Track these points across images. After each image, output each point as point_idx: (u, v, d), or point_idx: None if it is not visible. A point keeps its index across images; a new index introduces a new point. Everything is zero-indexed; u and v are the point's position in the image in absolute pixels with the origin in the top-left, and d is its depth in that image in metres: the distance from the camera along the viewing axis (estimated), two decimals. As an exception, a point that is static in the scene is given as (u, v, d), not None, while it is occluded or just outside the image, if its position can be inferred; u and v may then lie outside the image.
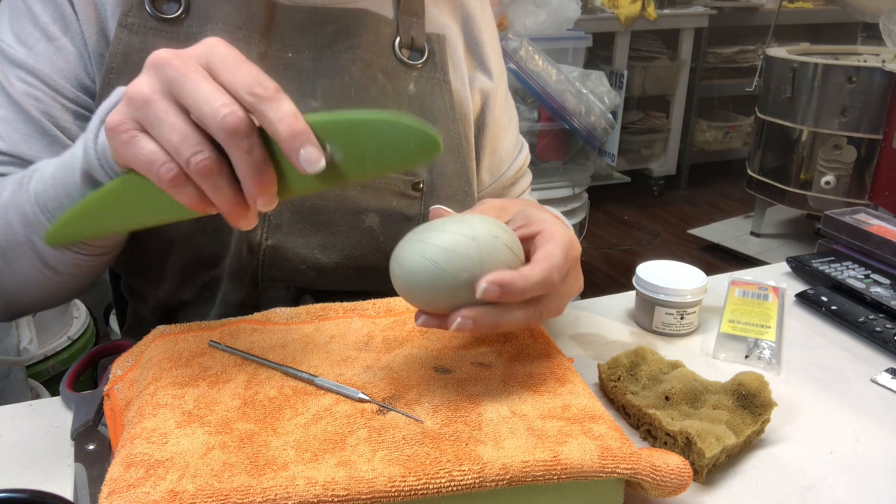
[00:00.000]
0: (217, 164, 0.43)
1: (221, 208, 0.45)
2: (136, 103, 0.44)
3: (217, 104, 0.41)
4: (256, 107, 0.42)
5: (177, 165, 0.43)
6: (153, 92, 0.43)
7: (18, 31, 0.65)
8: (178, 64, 0.43)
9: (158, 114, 0.43)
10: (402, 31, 0.72)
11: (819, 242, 0.93)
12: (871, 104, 2.42)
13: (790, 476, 0.54)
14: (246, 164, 0.43)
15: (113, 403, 0.55)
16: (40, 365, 1.51)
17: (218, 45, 0.44)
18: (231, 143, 0.42)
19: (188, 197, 0.44)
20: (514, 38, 2.09)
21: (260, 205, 0.45)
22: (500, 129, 0.82)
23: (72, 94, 0.66)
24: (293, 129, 0.42)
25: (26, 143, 0.64)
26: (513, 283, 0.46)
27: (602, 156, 2.62)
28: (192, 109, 0.42)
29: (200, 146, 0.43)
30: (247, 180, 0.44)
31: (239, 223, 0.46)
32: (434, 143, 0.45)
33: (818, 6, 3.70)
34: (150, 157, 0.43)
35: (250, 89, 0.42)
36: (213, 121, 0.42)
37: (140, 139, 0.44)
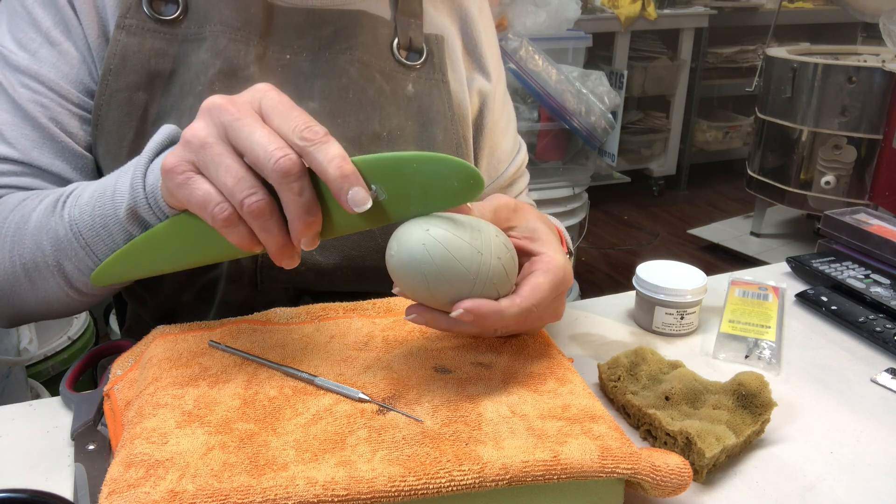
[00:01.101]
0: (269, 206, 0.45)
1: (269, 248, 0.47)
2: (193, 147, 0.46)
3: (271, 148, 0.44)
4: (307, 150, 0.44)
5: (230, 206, 0.45)
6: (209, 136, 0.45)
7: (20, 37, 0.65)
8: (233, 109, 0.45)
9: (214, 157, 0.45)
10: (400, 31, 0.72)
11: (819, 242, 0.93)
12: (871, 104, 2.42)
13: (790, 476, 0.54)
14: (296, 204, 0.45)
15: (113, 403, 0.55)
16: (40, 365, 1.51)
17: (269, 91, 0.47)
18: (283, 185, 0.44)
19: (239, 237, 0.47)
20: (514, 38, 2.09)
21: (304, 244, 0.47)
22: (499, 130, 0.82)
23: (77, 99, 0.65)
24: (342, 172, 0.44)
25: (37, 150, 0.64)
26: (487, 316, 0.48)
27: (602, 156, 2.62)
28: (247, 153, 0.45)
29: (254, 188, 0.45)
30: (295, 221, 0.46)
31: (283, 262, 0.48)
32: (478, 179, 0.47)
33: (818, 6, 3.70)
34: (205, 198, 0.46)
35: (301, 133, 0.44)
36: (267, 164, 0.44)
37: (196, 180, 0.46)
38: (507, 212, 0.55)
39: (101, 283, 0.56)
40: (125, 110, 0.64)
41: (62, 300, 0.62)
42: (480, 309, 0.48)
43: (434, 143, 0.72)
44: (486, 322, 0.48)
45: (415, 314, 0.50)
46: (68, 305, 0.63)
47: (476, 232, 0.48)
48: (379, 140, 0.70)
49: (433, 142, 0.72)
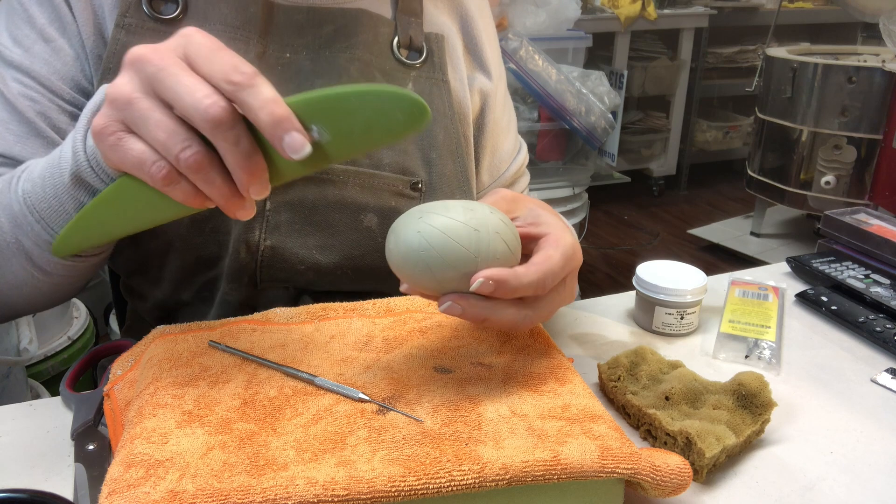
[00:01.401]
0: (207, 158, 0.43)
1: (216, 201, 0.45)
2: (119, 104, 0.43)
3: (199, 96, 0.41)
4: (236, 95, 0.41)
5: (167, 163, 0.43)
6: (134, 91, 0.43)
7: (15, 33, 0.65)
8: (156, 59, 0.42)
9: (142, 112, 0.42)
10: (401, 30, 0.72)
11: (819, 242, 0.93)
12: (871, 104, 2.42)
13: (790, 476, 0.54)
14: (234, 154, 0.42)
15: (113, 403, 0.55)
16: (40, 365, 1.51)
17: (194, 35, 0.43)
18: (217, 135, 0.42)
19: (183, 193, 0.44)
20: (514, 38, 2.09)
21: (253, 193, 0.44)
22: (500, 130, 0.82)
23: (69, 96, 0.65)
24: (274, 116, 0.41)
25: (20, 145, 0.64)
26: (507, 280, 0.47)
27: (602, 156, 2.62)
28: (175, 104, 0.42)
29: (188, 141, 0.42)
30: (237, 170, 0.43)
31: (237, 214, 0.46)
32: (422, 109, 0.44)
33: (818, 6, 3.70)
34: (139, 158, 0.43)
35: (227, 77, 0.41)
36: (196, 114, 0.41)
37: (127, 140, 0.43)
38: (506, 203, 0.54)
39: (61, 253, 0.53)
40: None
41: (29, 282, 0.61)
42: (498, 275, 0.46)
43: (435, 142, 0.72)
44: (506, 287, 0.47)
45: (450, 303, 0.48)
46: (37, 288, 0.62)
47: (469, 211, 0.48)
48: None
49: (434, 141, 0.72)
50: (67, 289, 0.65)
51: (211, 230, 0.67)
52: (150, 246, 0.68)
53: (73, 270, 0.61)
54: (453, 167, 0.74)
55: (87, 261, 0.61)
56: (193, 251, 0.68)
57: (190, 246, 0.67)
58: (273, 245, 0.67)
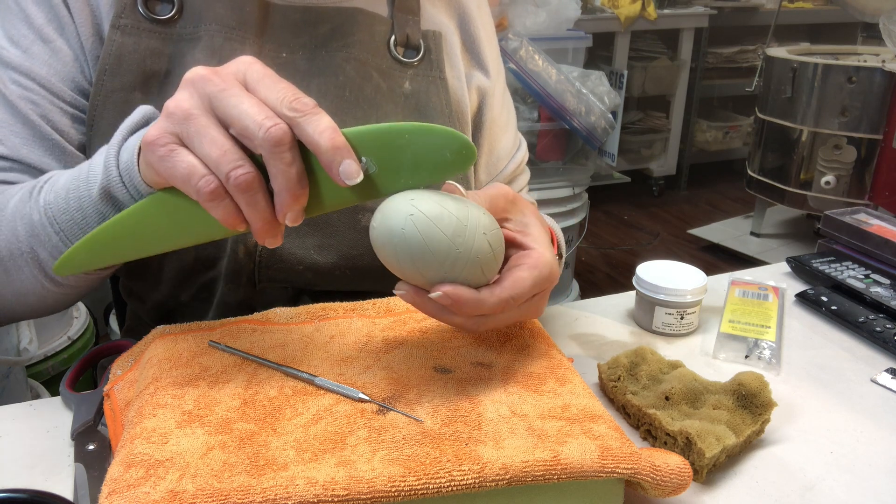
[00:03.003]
0: (257, 179, 0.44)
1: (254, 224, 0.46)
2: (177, 118, 0.44)
3: (260, 118, 0.42)
4: (296, 121, 0.43)
5: (216, 179, 0.44)
6: (193, 107, 0.44)
7: (12, 33, 0.65)
8: (218, 80, 0.44)
9: (199, 128, 0.44)
10: (398, 28, 0.72)
11: (819, 242, 0.93)
12: (871, 104, 2.42)
13: (790, 476, 0.54)
14: (286, 176, 0.44)
15: (113, 403, 0.55)
16: (40, 365, 1.51)
17: (254, 63, 0.45)
18: (274, 155, 0.43)
19: (225, 211, 0.45)
20: (514, 38, 2.09)
21: (289, 220, 0.45)
22: (498, 127, 0.82)
23: (69, 97, 0.65)
24: (333, 143, 0.43)
25: (26, 147, 0.64)
26: (466, 303, 0.47)
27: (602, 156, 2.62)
28: (234, 124, 0.43)
29: (241, 161, 0.43)
30: (283, 192, 0.44)
31: (268, 241, 0.47)
32: (469, 149, 0.46)
33: (818, 6, 3.70)
34: (189, 171, 0.44)
35: (290, 104, 0.43)
36: (257, 134, 0.42)
37: (180, 153, 0.44)
38: (504, 202, 0.54)
39: (64, 273, 0.52)
40: (120, 110, 0.64)
41: (37, 291, 0.61)
42: (459, 295, 0.47)
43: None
44: (464, 308, 0.47)
45: (404, 290, 0.48)
46: (44, 298, 0.62)
47: (462, 206, 0.47)
48: None
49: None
50: (73, 298, 0.65)
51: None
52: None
53: (84, 282, 0.61)
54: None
55: (101, 274, 0.61)
56: (192, 252, 0.68)
57: (188, 247, 0.67)
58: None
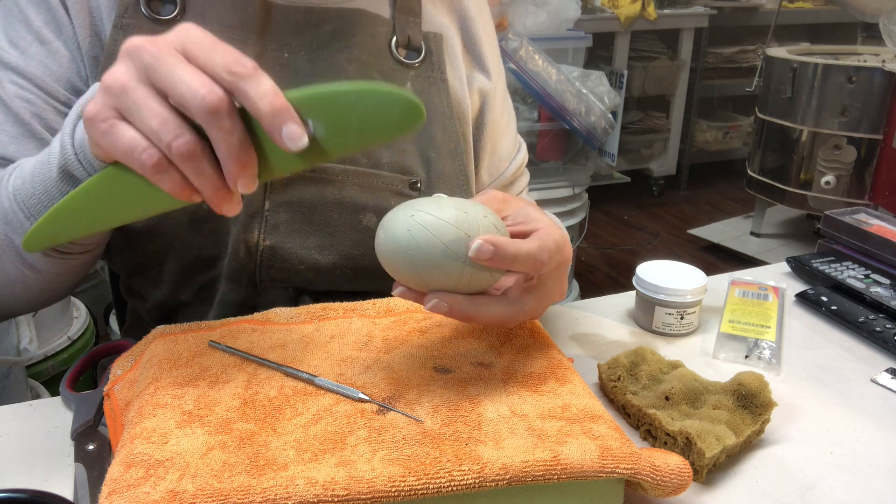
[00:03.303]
0: (199, 147, 0.43)
1: (205, 193, 0.45)
2: (114, 91, 0.43)
3: (196, 85, 0.41)
4: (236, 85, 0.42)
5: (158, 151, 0.43)
6: (130, 79, 0.43)
7: (11, 35, 0.65)
8: (154, 49, 0.42)
9: (136, 100, 0.42)
10: (399, 30, 0.72)
11: (819, 242, 0.93)
12: (871, 104, 2.42)
13: (790, 476, 0.54)
14: (227, 143, 0.42)
15: (113, 403, 0.55)
16: (40, 365, 1.51)
17: (192, 30, 0.44)
18: (212, 123, 0.42)
19: (171, 183, 0.44)
20: (514, 38, 2.09)
21: (241, 186, 0.44)
22: (500, 129, 0.82)
23: (64, 98, 0.65)
24: (274, 106, 0.42)
25: (14, 145, 0.64)
26: (505, 245, 0.47)
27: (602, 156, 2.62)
28: (171, 93, 0.42)
29: (181, 129, 0.42)
30: (228, 161, 0.43)
31: (223, 208, 0.46)
32: (417, 109, 0.44)
33: (818, 6, 3.70)
34: (130, 144, 0.43)
35: (229, 68, 0.42)
36: (193, 101, 0.41)
37: (120, 127, 0.43)
38: (497, 203, 0.54)
39: (33, 248, 0.52)
40: None
41: (20, 280, 0.61)
42: (497, 240, 0.47)
43: (433, 142, 0.72)
44: (505, 252, 0.47)
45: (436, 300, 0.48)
46: (28, 287, 0.62)
47: (462, 214, 0.48)
48: None
49: (432, 140, 0.72)
50: (59, 287, 0.64)
51: (210, 230, 0.67)
52: (150, 246, 0.68)
53: (62, 267, 0.61)
54: (452, 166, 0.74)
55: (77, 258, 0.61)
56: (192, 251, 0.68)
57: (189, 246, 0.67)
58: (272, 245, 0.67)
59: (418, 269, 0.47)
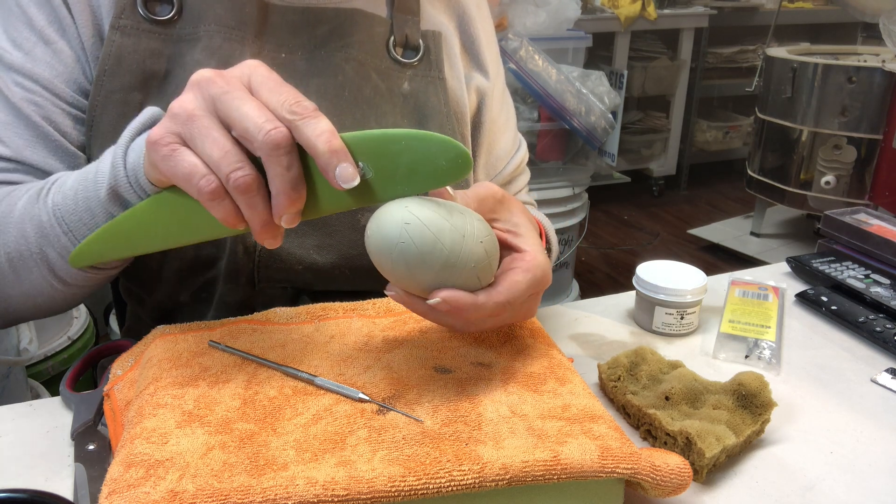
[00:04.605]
0: (256, 181, 0.45)
1: (252, 224, 0.46)
2: (180, 119, 0.45)
3: (260, 121, 0.43)
4: (295, 123, 0.44)
5: (217, 179, 0.45)
6: (197, 108, 0.45)
7: (14, 35, 0.65)
8: (222, 82, 0.45)
9: (201, 129, 0.44)
10: (397, 29, 0.72)
11: (819, 242, 0.93)
12: (871, 104, 2.42)
13: (790, 476, 0.54)
14: (283, 179, 0.44)
15: (113, 403, 0.55)
16: (40, 365, 1.51)
17: (259, 67, 0.46)
18: (272, 158, 0.44)
19: (224, 211, 0.46)
20: (514, 38, 2.09)
21: (285, 221, 0.46)
22: (497, 128, 0.82)
23: (70, 98, 0.65)
24: (331, 147, 0.44)
25: (30, 149, 0.64)
26: (464, 308, 0.47)
27: (602, 156, 2.62)
28: (236, 126, 0.44)
29: (241, 162, 0.44)
30: (280, 195, 0.45)
31: (266, 241, 0.47)
32: (465, 158, 0.46)
33: (818, 6, 3.70)
34: (191, 170, 0.45)
35: (290, 107, 0.44)
36: (257, 136, 0.43)
37: (182, 152, 0.45)
38: (492, 202, 0.54)
39: (78, 264, 0.54)
40: (120, 111, 0.64)
41: (46, 292, 0.61)
42: (458, 300, 0.47)
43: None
44: (462, 314, 0.48)
45: (394, 292, 0.49)
46: (52, 298, 0.62)
47: (458, 214, 0.47)
48: None
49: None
50: (81, 297, 0.65)
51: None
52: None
53: (91, 281, 0.62)
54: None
55: (107, 273, 0.62)
56: (191, 252, 0.68)
57: (187, 247, 0.67)
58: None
59: (409, 264, 0.46)
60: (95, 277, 0.62)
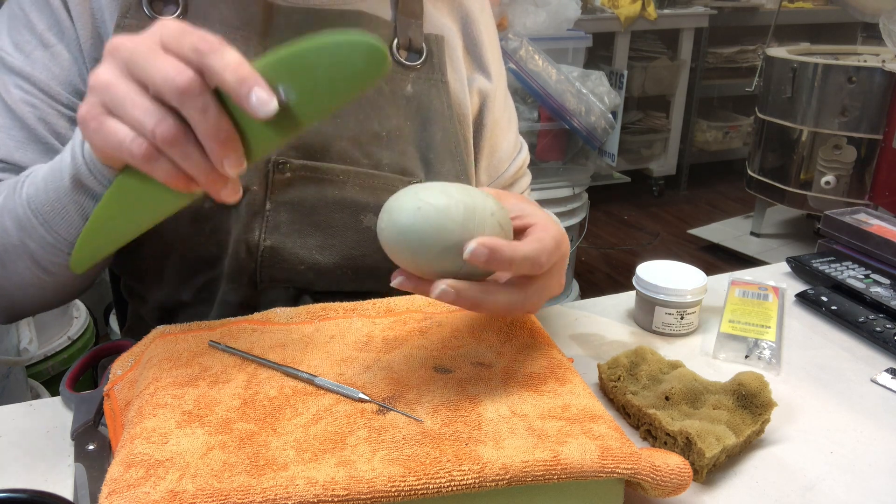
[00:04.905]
0: (180, 130, 0.43)
1: (198, 179, 0.45)
2: (99, 89, 0.45)
3: (168, 71, 0.42)
4: (202, 62, 0.42)
5: (145, 140, 0.44)
6: (112, 75, 0.44)
7: (16, 39, 0.65)
8: (132, 45, 0.44)
9: (119, 94, 0.44)
10: (400, 32, 0.72)
11: (819, 242, 0.93)
12: (871, 104, 2.42)
13: (790, 476, 0.54)
14: (203, 123, 0.43)
15: (113, 403, 0.55)
16: (40, 365, 1.51)
17: (169, 23, 0.45)
18: (185, 104, 0.43)
19: (164, 171, 0.45)
20: (514, 38, 2.09)
21: (228, 167, 0.45)
22: (499, 130, 0.82)
23: (66, 101, 0.66)
24: (238, 75, 0.42)
25: (20, 151, 0.64)
26: (501, 249, 0.46)
27: (602, 156, 2.62)
28: (149, 83, 0.43)
29: (161, 115, 0.43)
30: (208, 140, 0.44)
31: (221, 194, 0.46)
32: (380, 53, 0.44)
33: (818, 6, 3.70)
34: (120, 137, 0.44)
35: (192, 47, 0.43)
36: (165, 85, 0.42)
37: (108, 122, 0.45)
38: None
39: (82, 269, 0.54)
40: None
41: (34, 283, 0.61)
42: (493, 243, 0.46)
43: (433, 143, 0.73)
44: (501, 256, 0.46)
45: (402, 278, 0.48)
46: (42, 289, 0.62)
47: (466, 192, 0.47)
48: (378, 140, 0.70)
49: (432, 141, 0.73)
50: (73, 289, 0.65)
51: (211, 230, 0.67)
52: (150, 247, 0.68)
53: (81, 278, 0.62)
54: (452, 167, 0.74)
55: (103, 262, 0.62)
56: (193, 251, 0.68)
57: (190, 246, 0.67)
58: (273, 245, 0.67)
59: (429, 248, 0.46)
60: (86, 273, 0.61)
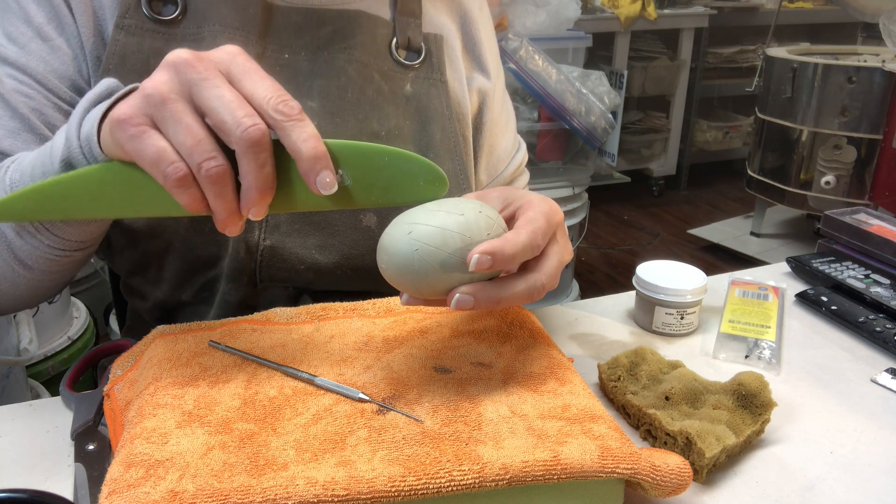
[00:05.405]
0: (228, 173, 0.44)
1: (218, 214, 0.45)
2: (153, 100, 0.43)
3: (240, 115, 0.42)
4: (282, 125, 0.43)
5: (185, 167, 0.43)
6: (171, 91, 0.43)
7: (10, 31, 0.65)
8: (200, 67, 0.43)
9: (174, 113, 0.43)
10: (399, 31, 0.73)
11: (819, 242, 0.93)
12: (871, 104, 2.42)
13: (790, 476, 0.54)
14: (256, 176, 0.44)
15: (113, 403, 0.55)
16: (40, 365, 1.51)
17: (239, 55, 0.45)
18: (248, 155, 0.43)
19: (190, 199, 0.45)
20: (514, 38, 2.09)
21: (252, 214, 0.45)
22: (498, 129, 0.82)
23: (66, 95, 0.65)
24: (315, 153, 0.43)
25: (10, 139, 0.63)
26: (501, 249, 0.46)
27: (602, 156, 2.62)
28: (211, 115, 0.43)
29: (215, 152, 0.43)
30: (251, 190, 0.44)
31: (228, 229, 0.47)
32: (442, 181, 0.48)
33: (818, 6, 3.70)
34: (159, 155, 0.43)
35: (276, 106, 0.43)
36: (235, 130, 0.42)
37: (151, 135, 0.44)
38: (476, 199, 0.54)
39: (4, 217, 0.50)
40: None
41: (9, 276, 0.60)
42: (491, 247, 0.46)
43: (432, 142, 0.73)
44: (503, 255, 0.46)
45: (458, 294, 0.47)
46: (16, 284, 0.61)
47: (460, 217, 0.47)
48: (377, 139, 0.70)
49: (431, 141, 0.73)
50: (49, 286, 0.64)
51: (210, 230, 0.67)
52: (150, 246, 0.68)
53: (53, 265, 0.61)
54: (451, 167, 0.74)
55: (71, 255, 0.60)
56: (193, 251, 0.68)
57: (190, 246, 0.67)
58: (272, 245, 0.67)
59: (431, 282, 0.47)
60: (59, 262, 0.60)
